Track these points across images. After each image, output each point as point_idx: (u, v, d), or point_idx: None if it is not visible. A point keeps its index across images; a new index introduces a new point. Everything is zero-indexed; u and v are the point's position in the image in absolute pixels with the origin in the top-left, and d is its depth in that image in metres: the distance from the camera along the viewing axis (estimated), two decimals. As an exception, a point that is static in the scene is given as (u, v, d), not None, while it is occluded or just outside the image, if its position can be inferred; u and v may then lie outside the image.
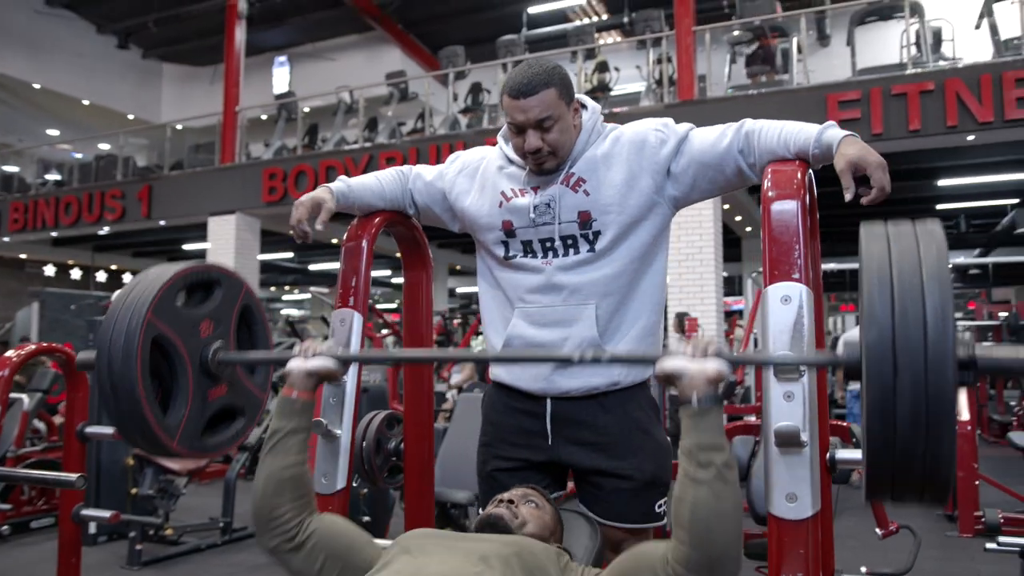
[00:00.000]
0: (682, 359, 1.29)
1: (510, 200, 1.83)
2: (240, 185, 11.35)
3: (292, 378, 1.52)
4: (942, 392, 0.97)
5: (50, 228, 13.32)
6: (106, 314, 1.56)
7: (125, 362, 1.50)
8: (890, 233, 1.11)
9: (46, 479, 2.50)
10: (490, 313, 1.93)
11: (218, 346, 1.68)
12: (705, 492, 1.23)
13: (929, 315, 0.99)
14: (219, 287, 1.73)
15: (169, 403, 1.61)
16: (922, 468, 1.01)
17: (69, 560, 2.67)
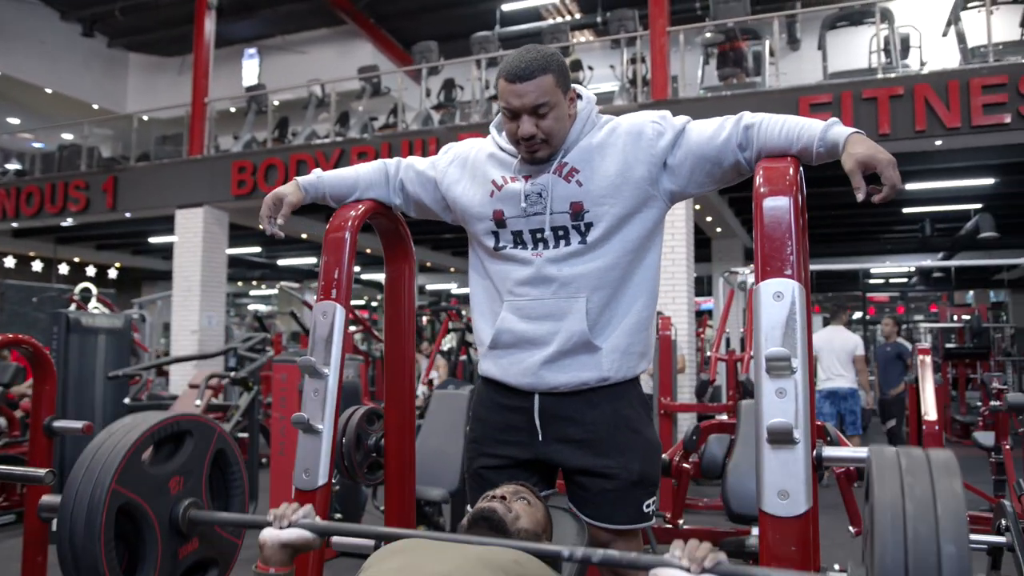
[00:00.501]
0: (677, 572, 1.19)
1: (501, 188, 1.80)
2: (208, 178, 11.16)
3: (266, 551, 1.42)
4: None
5: (11, 219, 12.98)
6: (69, 478, 1.48)
7: (88, 538, 1.43)
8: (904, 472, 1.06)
9: (13, 474, 2.42)
10: (480, 305, 1.90)
11: (188, 503, 1.60)
12: None
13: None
14: (190, 437, 1.67)
15: (136, 569, 1.54)
16: None
17: (35, 559, 2.60)
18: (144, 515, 1.52)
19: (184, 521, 1.58)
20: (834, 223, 13.81)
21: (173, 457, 1.63)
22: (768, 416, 1.40)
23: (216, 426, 1.73)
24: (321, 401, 1.77)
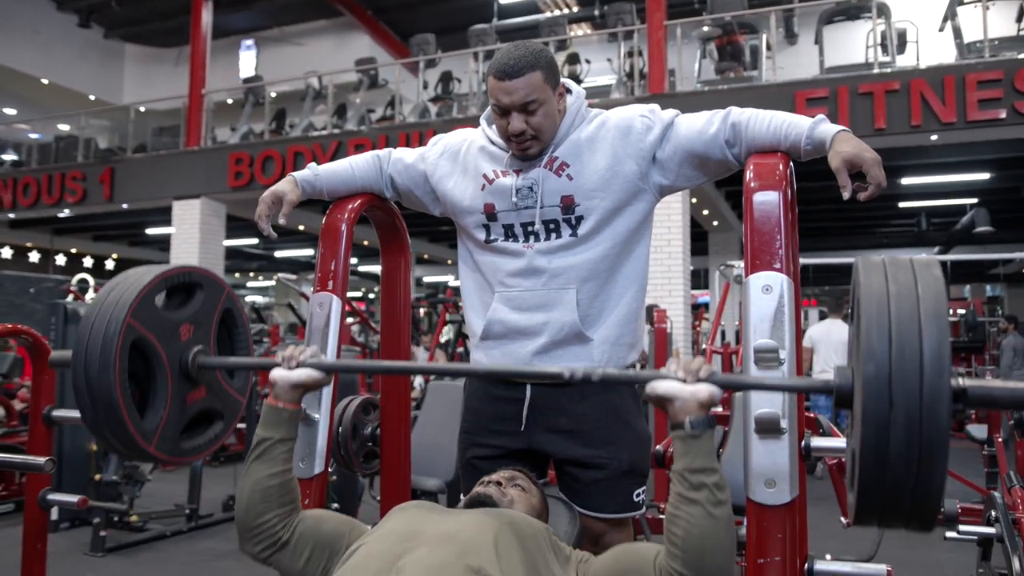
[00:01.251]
0: (674, 382, 1.28)
1: (492, 182, 1.82)
2: (205, 169, 11.17)
3: (277, 389, 1.50)
4: (937, 428, 0.98)
5: (7, 210, 12.99)
6: (83, 315, 1.53)
7: (103, 366, 1.46)
8: (888, 268, 1.12)
9: (13, 462, 2.45)
10: (471, 297, 1.93)
11: (198, 350, 1.65)
12: (698, 511, 1.25)
13: (926, 352, 1.00)
14: (200, 290, 1.71)
15: (146, 407, 1.58)
16: (911, 500, 1.02)
17: (35, 546, 2.61)
18: (156, 354, 1.56)
19: (193, 366, 1.62)
20: (829, 217, 13.85)
21: (184, 306, 1.67)
22: (756, 407, 1.42)
23: (225, 285, 1.77)
24: (318, 392, 1.79)
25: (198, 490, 5.01)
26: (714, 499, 1.25)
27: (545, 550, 1.35)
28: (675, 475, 1.29)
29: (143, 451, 1.54)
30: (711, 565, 1.24)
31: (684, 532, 1.24)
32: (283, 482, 1.45)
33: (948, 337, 1.00)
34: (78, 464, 4.94)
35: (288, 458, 1.48)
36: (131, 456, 1.59)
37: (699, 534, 1.23)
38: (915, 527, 1.06)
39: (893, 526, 1.08)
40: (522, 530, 1.35)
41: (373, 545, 1.33)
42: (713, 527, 1.24)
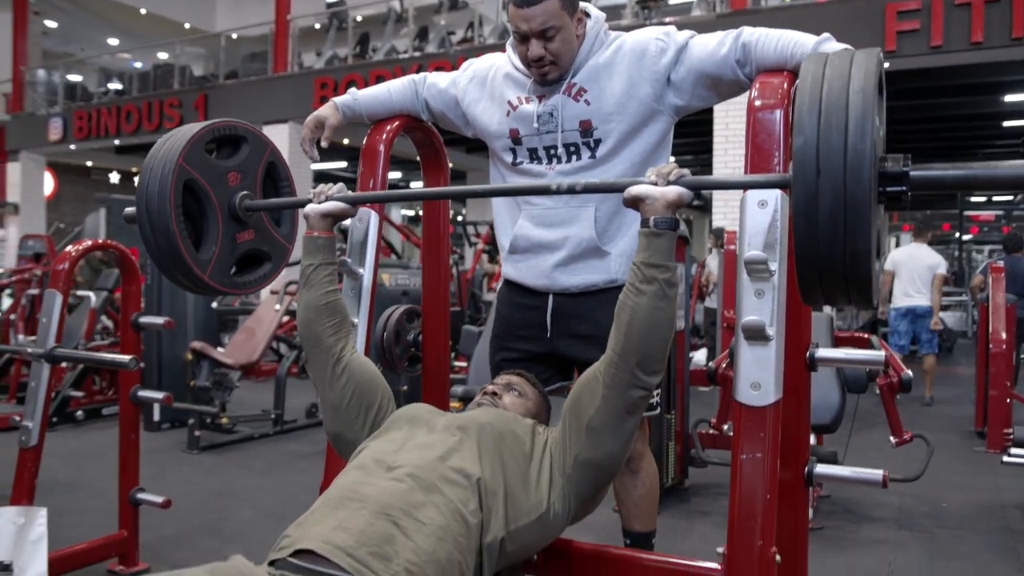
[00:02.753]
0: (646, 185, 1.42)
1: (516, 108, 1.93)
2: (293, 94, 11.48)
3: (310, 221, 1.74)
4: (859, 192, 1.06)
5: (112, 136, 13.69)
6: (144, 163, 1.76)
7: (160, 203, 1.70)
8: (829, 56, 1.19)
9: (103, 360, 2.76)
10: (501, 215, 2.06)
11: (244, 194, 1.87)
12: (645, 302, 1.41)
13: (851, 123, 1.08)
14: (245, 143, 1.91)
15: (201, 242, 1.82)
16: (843, 263, 1.11)
17: (129, 436, 2.95)
18: (207, 196, 1.80)
19: (241, 207, 1.86)
20: (927, 138, 13.19)
21: (232, 157, 1.90)
22: (745, 314, 1.52)
23: (269, 142, 1.99)
24: (357, 298, 1.97)
25: (283, 397, 5.40)
26: (662, 293, 1.40)
27: (525, 444, 1.51)
28: (632, 267, 1.44)
29: (199, 279, 1.77)
30: (647, 349, 1.41)
31: (629, 318, 1.41)
32: (329, 301, 1.71)
33: (872, 108, 1.06)
34: (175, 372, 5.39)
35: (331, 280, 1.72)
36: (191, 286, 1.82)
37: (641, 322, 1.40)
38: (856, 298, 1.14)
39: (837, 299, 1.16)
40: (504, 427, 1.51)
41: (375, 445, 1.51)
42: (655, 317, 1.40)
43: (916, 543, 3.40)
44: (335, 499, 1.35)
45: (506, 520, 1.38)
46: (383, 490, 1.33)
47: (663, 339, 1.43)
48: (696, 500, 3.96)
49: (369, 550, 1.21)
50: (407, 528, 1.25)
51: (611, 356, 1.45)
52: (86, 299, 6.11)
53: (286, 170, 2.02)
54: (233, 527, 3.49)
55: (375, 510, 1.28)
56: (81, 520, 3.43)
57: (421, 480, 1.35)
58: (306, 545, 1.23)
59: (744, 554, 1.48)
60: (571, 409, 1.51)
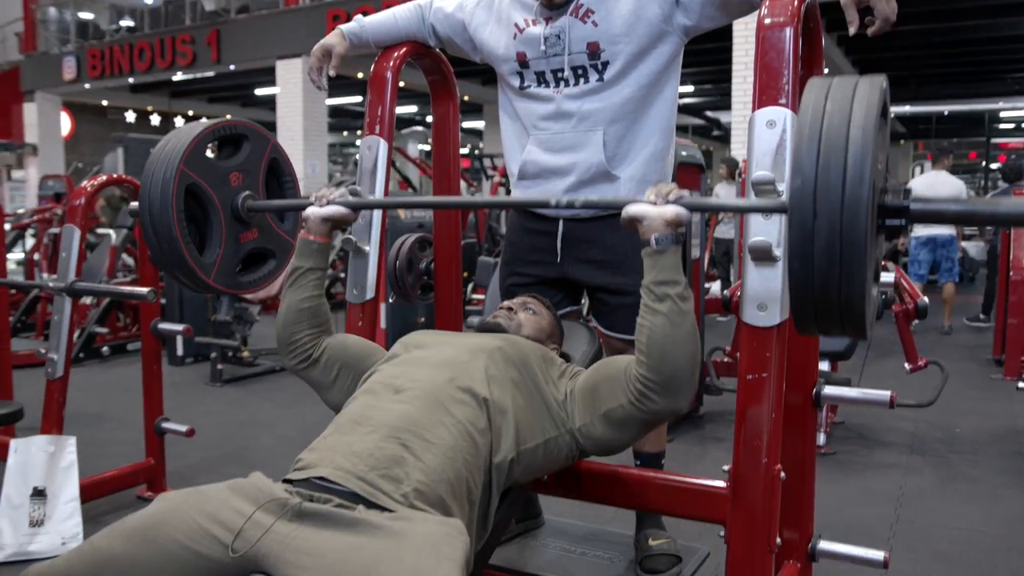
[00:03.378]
0: (645, 205, 1.39)
1: (523, 31, 1.90)
2: (305, 27, 11.33)
3: (309, 224, 1.68)
4: (855, 235, 1.05)
5: (126, 74, 13.64)
6: (145, 167, 1.74)
7: (163, 208, 1.68)
8: (831, 86, 1.16)
9: (122, 292, 2.81)
10: (509, 141, 2.05)
11: (246, 195, 1.85)
12: (661, 320, 1.37)
13: (849, 165, 1.06)
14: (247, 141, 1.88)
15: (205, 244, 1.81)
16: (838, 302, 1.11)
17: (152, 368, 3.02)
18: (209, 199, 1.79)
19: (243, 208, 1.85)
20: (955, 62, 12.85)
21: (233, 157, 1.88)
22: (752, 235, 1.52)
23: (271, 137, 1.96)
24: (367, 226, 1.98)
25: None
26: (677, 309, 1.37)
27: (535, 369, 1.51)
28: (643, 288, 1.41)
29: (204, 282, 1.78)
30: (671, 369, 1.37)
31: (648, 339, 1.38)
32: (313, 306, 1.65)
33: (869, 150, 1.06)
34: (197, 307, 5.47)
35: (318, 285, 1.68)
36: (196, 287, 1.82)
37: (661, 340, 1.36)
38: (850, 332, 1.15)
39: (831, 332, 1.18)
40: (515, 352, 1.51)
41: (385, 369, 1.53)
42: (674, 334, 1.37)
43: (928, 467, 3.43)
44: (346, 424, 1.38)
45: (516, 440, 1.40)
46: (392, 413, 1.35)
47: (688, 355, 1.38)
48: (710, 427, 4.02)
49: (380, 473, 1.24)
50: (416, 449, 1.28)
51: (636, 374, 1.39)
52: (106, 237, 6.17)
53: (288, 165, 1.99)
54: (256, 455, 3.59)
55: (384, 433, 1.31)
56: (110, 450, 3.54)
57: (429, 401, 1.37)
58: (319, 473, 1.26)
59: (749, 472, 1.50)
60: (589, 393, 1.48)
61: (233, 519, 1.16)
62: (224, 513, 1.17)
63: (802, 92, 1.44)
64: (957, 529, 2.78)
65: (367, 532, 1.13)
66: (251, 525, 1.15)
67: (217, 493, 1.22)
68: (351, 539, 1.12)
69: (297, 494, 1.21)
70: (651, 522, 2.04)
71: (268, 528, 1.14)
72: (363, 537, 1.12)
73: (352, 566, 1.08)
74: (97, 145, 17.98)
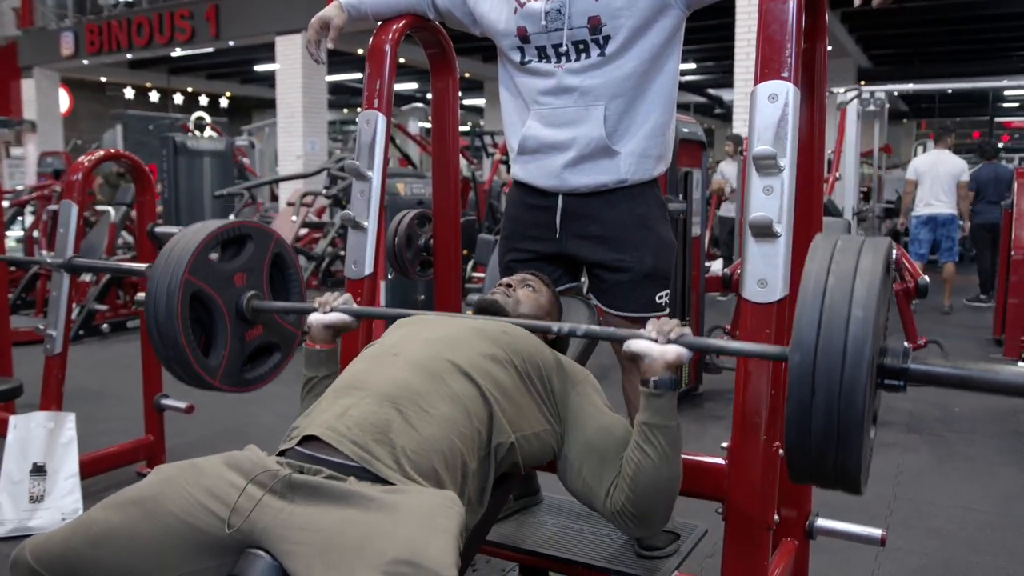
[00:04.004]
0: (646, 341, 1.36)
1: (524, 5, 1.87)
2: (305, 2, 11.21)
3: (312, 332, 1.68)
4: (853, 413, 1.07)
5: (124, 50, 13.54)
6: (149, 275, 1.76)
7: (168, 317, 1.71)
8: (835, 254, 1.16)
9: (120, 268, 2.80)
10: (510, 116, 2.03)
11: (251, 295, 1.85)
12: (649, 463, 1.39)
13: (850, 344, 1.07)
14: (250, 241, 1.89)
15: (211, 347, 1.83)
16: (833, 470, 1.13)
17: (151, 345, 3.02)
18: (214, 302, 1.82)
19: (248, 309, 1.86)
20: (961, 39, 12.75)
21: (237, 257, 1.90)
22: (754, 211, 1.50)
23: (273, 232, 1.98)
24: (366, 201, 1.97)
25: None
26: (663, 454, 1.38)
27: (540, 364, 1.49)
28: (636, 425, 1.41)
29: (209, 385, 1.80)
30: (650, 506, 1.40)
31: (634, 474, 1.39)
32: None
33: (871, 328, 1.06)
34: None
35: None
36: (200, 387, 1.84)
37: (645, 481, 1.38)
38: (844, 490, 1.17)
39: (825, 487, 1.20)
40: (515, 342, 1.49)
41: (383, 341, 1.53)
42: (658, 476, 1.38)
43: (925, 446, 3.44)
44: (342, 388, 1.37)
45: (512, 425, 1.40)
46: (388, 378, 1.35)
47: (668, 497, 1.42)
48: (709, 405, 4.02)
49: (373, 436, 1.24)
50: (410, 416, 1.28)
51: (618, 497, 1.42)
52: (105, 214, 6.16)
53: (292, 257, 2.00)
54: (255, 432, 3.60)
55: (380, 398, 1.30)
56: (110, 427, 3.54)
57: (428, 372, 1.36)
58: (311, 432, 1.26)
59: (748, 449, 1.50)
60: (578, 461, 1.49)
61: (228, 493, 1.16)
62: (220, 487, 1.17)
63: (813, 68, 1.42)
64: (954, 507, 2.79)
65: (360, 505, 1.12)
66: (244, 498, 1.15)
67: (213, 467, 1.22)
68: (344, 513, 1.12)
69: (288, 465, 1.21)
70: (649, 499, 2.04)
71: (258, 501, 1.14)
72: (356, 510, 1.12)
73: (346, 540, 1.08)
74: (96, 122, 17.91)
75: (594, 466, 1.47)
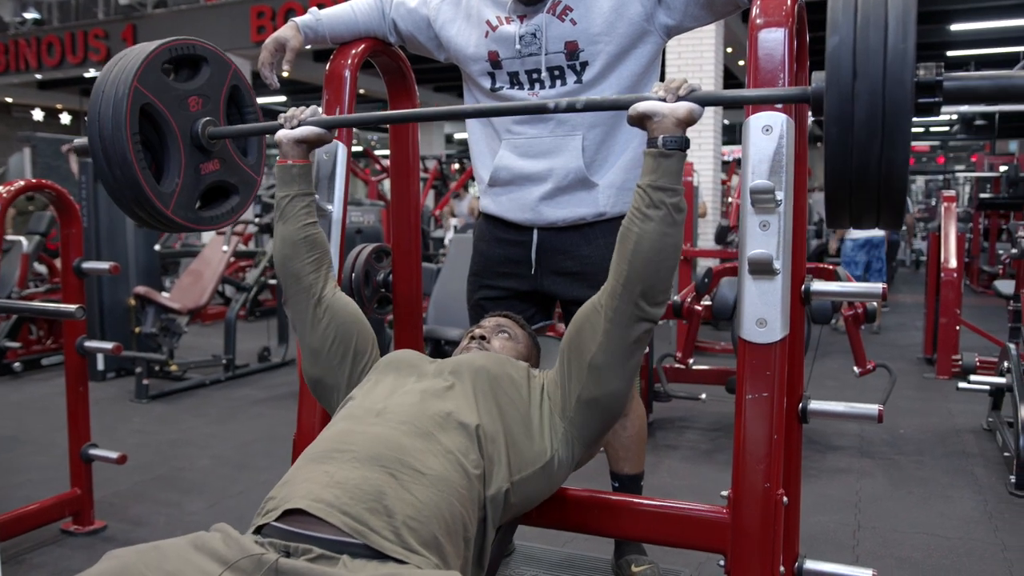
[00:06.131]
0: (654, 101, 1.31)
1: (496, 29, 1.78)
2: (228, 24, 10.94)
3: (283, 148, 1.57)
4: (900, 96, 0.97)
5: (34, 70, 12.94)
6: (94, 86, 1.57)
7: (115, 128, 1.53)
8: None
9: (47, 310, 2.57)
10: (478, 145, 1.93)
11: (207, 120, 1.70)
12: (652, 228, 1.29)
13: (891, 21, 0.98)
14: (206, 64, 1.73)
15: (163, 174, 1.65)
16: (877, 176, 1.02)
17: (77, 389, 2.78)
18: (166, 121, 1.64)
19: (204, 135, 1.70)
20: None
21: (192, 79, 1.73)
22: (750, 247, 1.43)
23: (232, 63, 1.81)
24: (326, 235, 1.83)
25: (233, 342, 5.22)
26: (670, 219, 1.30)
27: (522, 387, 1.40)
28: (638, 190, 1.32)
29: (162, 214, 1.61)
30: (653, 277, 1.30)
31: (635, 245, 1.30)
32: (308, 235, 1.55)
33: (914, 7, 0.97)
34: (119, 318, 5.16)
35: (309, 212, 1.57)
36: (154, 223, 1.65)
37: (648, 249, 1.29)
38: (886, 215, 1.05)
39: (864, 218, 1.07)
40: (500, 370, 1.40)
41: (361, 395, 1.39)
42: (662, 244, 1.29)
43: (879, 471, 3.45)
44: (322, 452, 1.22)
45: (509, 470, 1.28)
46: (374, 437, 1.21)
47: (669, 267, 1.33)
48: (662, 434, 3.96)
49: (366, 505, 1.10)
50: (405, 479, 1.15)
51: (613, 287, 1.33)
52: (17, 244, 5.78)
53: (251, 95, 1.85)
54: (192, 478, 3.36)
55: (368, 461, 1.16)
56: (29, 478, 3.26)
57: (415, 427, 1.24)
58: (294, 505, 1.11)
59: (750, 497, 1.42)
60: (571, 347, 1.39)
61: (199, 582, 1.01)
62: (187, 574, 1.02)
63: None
64: (917, 534, 2.78)
65: None
66: None
67: (177, 550, 1.06)
68: None
69: (271, 546, 1.06)
70: (631, 547, 1.95)
71: None
72: None
73: None
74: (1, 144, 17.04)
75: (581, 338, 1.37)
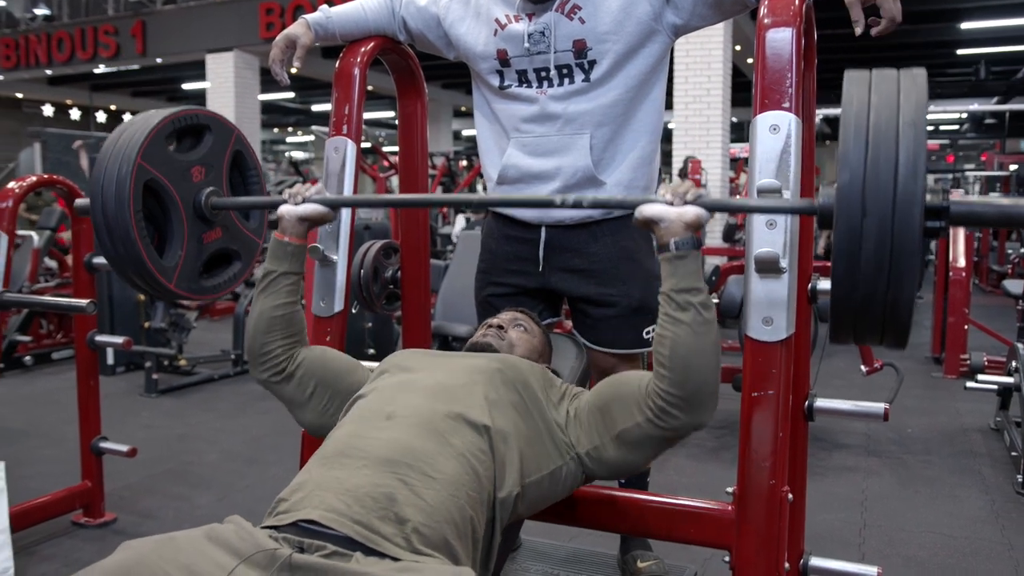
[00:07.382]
0: (661, 205, 1.30)
1: (504, 27, 1.79)
2: (237, 20, 10.97)
3: (283, 224, 1.54)
4: (908, 236, 0.98)
5: (44, 66, 13.00)
6: (96, 160, 1.57)
7: (118, 206, 1.52)
8: (873, 79, 1.09)
9: (59, 304, 2.60)
10: (487, 143, 1.94)
11: (210, 191, 1.69)
12: (685, 331, 1.28)
13: (901, 161, 0.99)
14: (209, 132, 1.73)
15: (165, 246, 1.65)
16: (882, 309, 1.03)
17: (88, 383, 2.81)
18: (169, 195, 1.63)
19: (207, 206, 1.69)
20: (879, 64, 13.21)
21: (194, 149, 1.73)
22: (757, 246, 1.44)
23: (234, 127, 1.81)
24: (335, 234, 1.84)
25: (242, 336, 5.23)
26: (700, 318, 1.28)
27: (536, 392, 1.39)
28: (663, 296, 1.31)
29: (164, 287, 1.61)
30: (697, 382, 1.27)
31: (671, 351, 1.28)
32: (287, 314, 1.51)
33: (924, 146, 0.98)
34: (128, 313, 5.19)
35: (293, 291, 1.53)
36: (156, 294, 1.66)
37: (685, 352, 1.27)
38: (889, 341, 1.07)
39: (868, 340, 1.10)
40: (514, 374, 1.39)
41: (372, 395, 1.38)
42: (699, 345, 1.27)
43: (886, 470, 3.45)
44: (332, 456, 1.23)
45: (521, 473, 1.29)
46: (385, 442, 1.22)
47: (713, 367, 1.29)
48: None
49: (377, 513, 1.11)
50: (416, 484, 1.16)
51: (656, 389, 1.29)
52: (28, 239, 5.82)
53: (254, 158, 1.84)
54: (201, 472, 3.39)
55: (379, 466, 1.17)
56: (39, 470, 3.29)
57: (426, 429, 1.24)
58: (307, 515, 1.12)
59: (756, 494, 1.43)
60: (599, 412, 1.37)
61: (212, 574, 1.02)
62: (202, 566, 1.03)
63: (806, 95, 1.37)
64: (924, 533, 2.78)
65: None
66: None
67: (192, 542, 1.08)
68: None
69: (285, 541, 1.08)
70: (637, 543, 1.96)
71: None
72: None
73: None
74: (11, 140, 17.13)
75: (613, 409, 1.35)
